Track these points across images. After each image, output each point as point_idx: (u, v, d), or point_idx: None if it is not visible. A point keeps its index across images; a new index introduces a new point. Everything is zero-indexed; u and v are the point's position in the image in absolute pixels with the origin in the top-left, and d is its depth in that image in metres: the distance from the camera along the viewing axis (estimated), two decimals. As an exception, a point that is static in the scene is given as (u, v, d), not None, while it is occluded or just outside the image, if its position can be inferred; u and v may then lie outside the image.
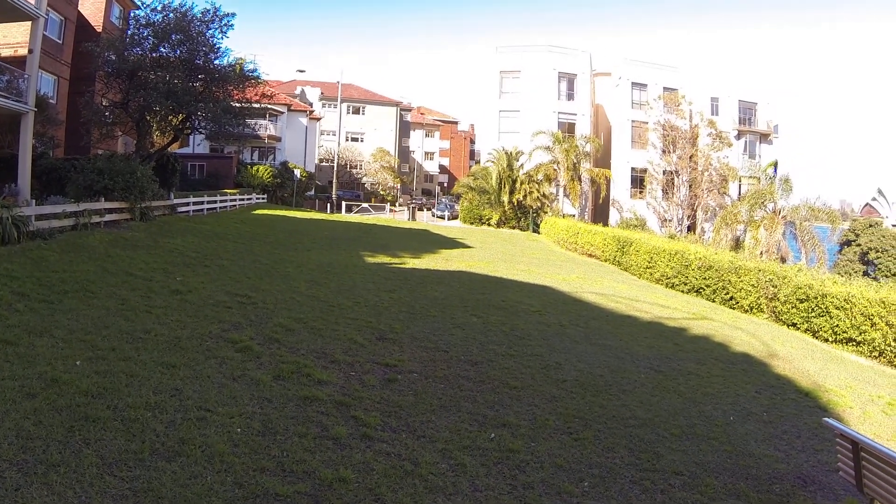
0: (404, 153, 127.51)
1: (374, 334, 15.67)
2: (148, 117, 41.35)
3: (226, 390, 10.34)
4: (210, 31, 41.11)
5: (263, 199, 66.71)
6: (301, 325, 15.52)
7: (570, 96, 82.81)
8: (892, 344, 20.95)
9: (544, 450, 10.03)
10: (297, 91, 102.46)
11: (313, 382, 11.40)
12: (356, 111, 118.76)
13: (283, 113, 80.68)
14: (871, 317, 21.77)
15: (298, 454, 8.50)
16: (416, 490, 8.07)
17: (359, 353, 13.83)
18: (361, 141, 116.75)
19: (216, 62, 42.25)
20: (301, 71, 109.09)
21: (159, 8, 40.43)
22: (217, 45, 41.69)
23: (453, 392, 12.09)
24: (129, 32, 42.29)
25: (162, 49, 40.30)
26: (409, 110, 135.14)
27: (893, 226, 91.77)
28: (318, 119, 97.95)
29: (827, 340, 23.58)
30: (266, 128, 78.17)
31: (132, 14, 46.07)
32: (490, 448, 9.78)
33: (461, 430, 10.31)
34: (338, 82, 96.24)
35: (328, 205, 79.72)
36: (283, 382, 11.16)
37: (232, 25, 41.80)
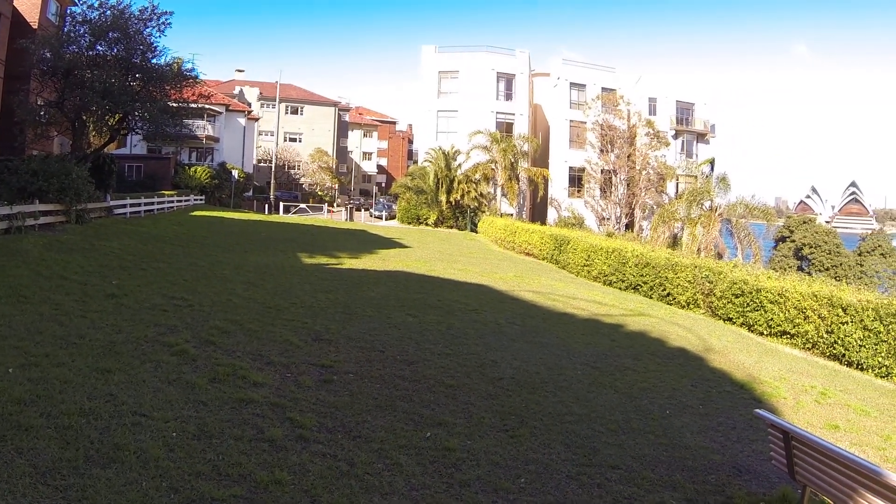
0: (342, 153, 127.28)
1: (310, 335, 15.44)
2: (84, 117, 40.61)
3: (161, 394, 10.06)
4: (148, 30, 40.52)
5: (201, 200, 66.08)
6: (237, 328, 15.25)
7: (509, 96, 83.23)
8: (825, 336, 21.36)
9: (480, 447, 9.94)
10: (236, 91, 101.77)
11: (249, 385, 11.17)
12: (294, 111, 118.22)
13: (221, 113, 79.89)
14: (804, 310, 22.18)
15: (234, 457, 8.29)
16: (352, 490, 7.93)
17: (295, 354, 13.62)
18: (299, 141, 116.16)
19: (154, 61, 41.64)
20: (240, 70, 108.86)
21: (96, 5, 39.53)
22: (155, 44, 41.14)
23: (389, 392, 11.95)
24: (66, 29, 41.37)
25: (99, 47, 39.58)
26: (348, 110, 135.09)
27: (827, 222, 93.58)
28: (257, 119, 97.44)
29: (762, 334, 23.97)
30: (204, 128, 77.23)
31: (69, 11, 44.95)
32: (426, 447, 9.65)
33: (397, 429, 10.17)
34: (276, 82, 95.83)
35: (266, 206, 79.45)
36: (218, 385, 10.91)
37: (170, 24, 41.24)
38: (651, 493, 9.20)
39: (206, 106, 62.52)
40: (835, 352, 21.04)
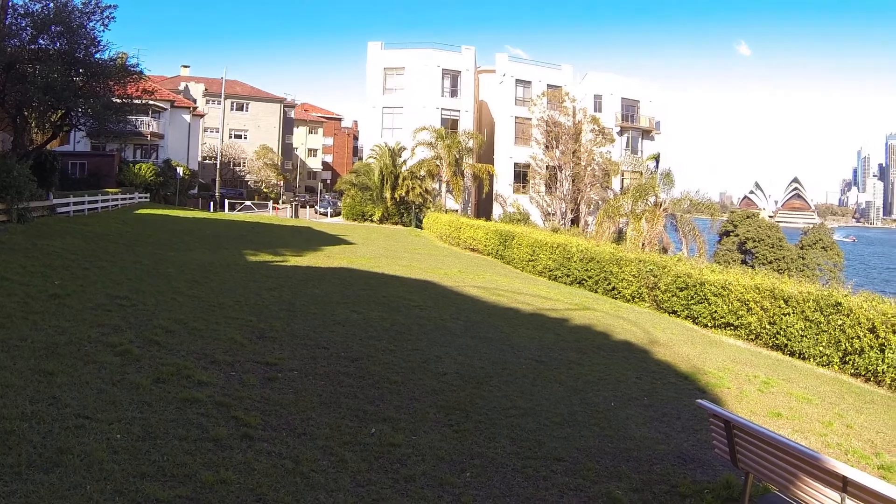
0: (287, 150, 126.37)
1: (254, 333, 15.24)
2: (25, 113, 39.73)
3: (105, 396, 9.84)
4: (91, 24, 39.69)
5: (146, 198, 65.18)
6: (181, 327, 14.99)
7: (454, 93, 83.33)
8: (768, 327, 21.78)
9: (425, 443, 9.90)
10: (181, 87, 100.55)
11: (193, 384, 10.98)
12: (240, 108, 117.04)
13: (166, 109, 78.72)
14: (747, 302, 22.54)
15: (179, 457, 8.13)
16: (298, 488, 7.83)
17: (239, 352, 13.44)
18: (245, 138, 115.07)
19: (97, 56, 40.85)
20: (186, 66, 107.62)
21: (39, -3, 38.96)
22: (98, 38, 40.35)
23: (333, 389, 11.84)
24: (7, 22, 40.49)
25: (41, 41, 38.73)
26: (293, 107, 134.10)
27: (770, 217, 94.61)
28: (202, 115, 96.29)
29: (706, 326, 24.30)
30: (149, 125, 75.89)
31: (10, 3, 44.02)
32: (371, 443, 9.57)
33: (342, 426, 10.09)
34: (222, 78, 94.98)
35: (211, 203, 78.62)
36: (162, 385, 10.69)
37: (114, 17, 40.41)
38: (597, 484, 9.25)
39: (151, 102, 61.99)
40: (777, 342, 21.45)
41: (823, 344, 19.84)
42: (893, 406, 16.11)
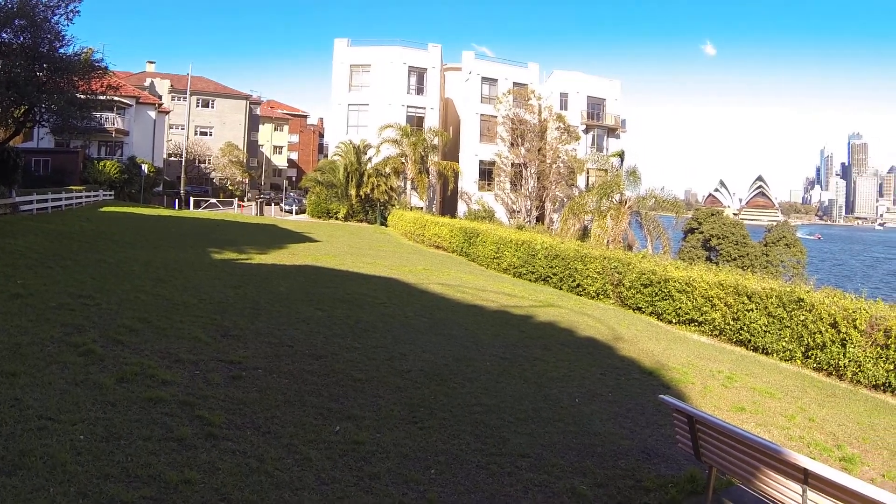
0: (253, 147, 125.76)
1: (218, 331, 15.11)
2: (-13, 109, 39.48)
3: (68, 397, 9.70)
4: (55, 18, 39.31)
5: (111, 195, 64.36)
6: (145, 325, 14.82)
7: (420, 90, 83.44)
8: (731, 322, 21.99)
9: (390, 440, 9.88)
10: (147, 83, 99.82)
11: (157, 383, 10.86)
12: (206, 104, 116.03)
13: (131, 106, 77.86)
14: (711, 298, 22.73)
15: (143, 458, 8.04)
16: (262, 487, 7.79)
17: (203, 351, 13.32)
18: (210, 135, 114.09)
19: (62, 51, 40.43)
20: (151, 62, 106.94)
21: (2, -10, 38.46)
22: (63, 33, 39.97)
23: (298, 387, 11.78)
24: (-31, 16, 40.13)
25: (4, 35, 38.23)
26: (259, 104, 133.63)
27: (735, 214, 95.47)
28: (168, 112, 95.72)
29: (671, 322, 24.50)
30: (113, 121, 75.04)
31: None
32: (335, 441, 9.54)
33: (306, 424, 10.05)
34: (188, 74, 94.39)
35: (176, 201, 78.12)
36: (126, 385, 10.57)
37: (79, 12, 39.99)
38: (561, 479, 9.30)
39: (116, 98, 61.38)
40: (741, 338, 21.65)
41: (786, 339, 20.08)
42: (855, 399, 16.33)
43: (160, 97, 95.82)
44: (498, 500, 8.54)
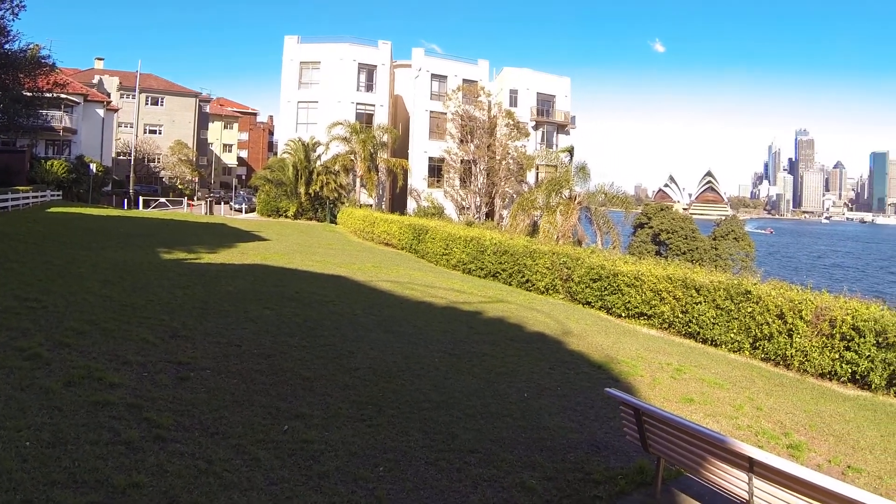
0: (203, 145, 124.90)
1: (167, 332, 14.92)
2: (-71, 107, 38.79)
3: (13, 402, 9.50)
4: (0, 13, 38.83)
5: (58, 195, 63.26)
6: (93, 328, 14.58)
7: (370, 87, 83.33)
8: (680, 315, 22.26)
9: (338, 438, 9.83)
10: (95, 80, 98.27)
11: (105, 386, 10.68)
12: (155, 102, 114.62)
13: (79, 103, 76.48)
14: (660, 292, 22.96)
15: (90, 462, 7.91)
16: (211, 488, 7.71)
17: (151, 352, 13.14)
18: (160, 133, 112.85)
19: (7, 47, 39.90)
20: (100, 59, 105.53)
21: (-57, -15, 37.74)
22: (8, 28, 39.43)
23: (246, 386, 11.69)
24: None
25: (-55, 31, 37.79)
26: (209, 101, 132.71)
27: (684, 209, 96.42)
28: (116, 110, 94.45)
29: (620, 316, 24.68)
30: (61, 119, 73.75)
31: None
32: (284, 440, 9.50)
33: (255, 424, 9.97)
34: (137, 72, 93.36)
35: (125, 200, 77.03)
36: (73, 389, 10.38)
37: (24, 6, 39.51)
38: (511, 474, 9.32)
39: (63, 96, 60.57)
40: (690, 330, 21.94)
41: (734, 331, 20.43)
42: (802, 388, 16.65)
43: (109, 95, 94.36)
44: (447, 495, 8.52)
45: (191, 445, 8.91)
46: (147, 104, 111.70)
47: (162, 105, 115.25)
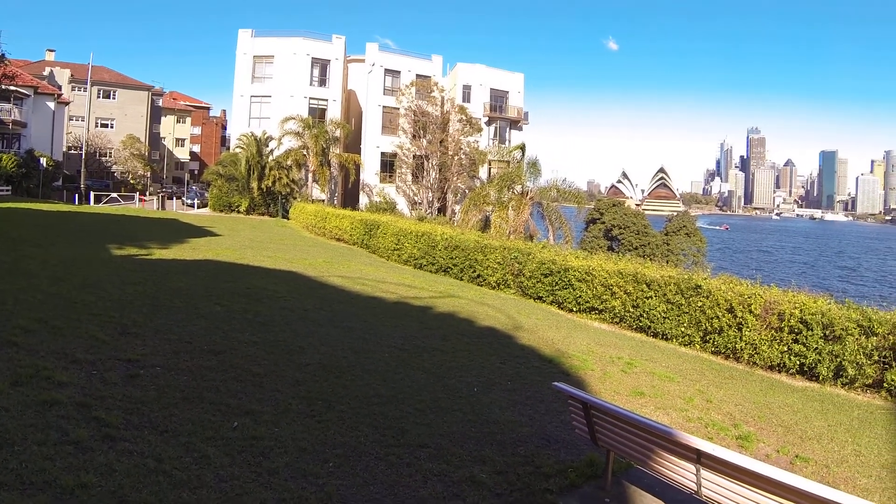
0: (155, 140, 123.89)
1: (117, 329, 14.67)
2: None
3: (-41, 404, 9.44)
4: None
5: (7, 191, 62.68)
6: (41, 326, 14.29)
7: (323, 82, 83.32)
8: (631, 310, 22.44)
9: (288, 434, 9.76)
10: (46, 72, 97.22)
11: (53, 385, 10.45)
12: (107, 95, 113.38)
13: (28, 96, 75.36)
14: (611, 287, 23.15)
15: (38, 463, 7.71)
16: (161, 487, 7.55)
17: (101, 350, 12.89)
18: (112, 127, 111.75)
19: (-47, 38, 39.40)
20: (51, 50, 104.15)
21: None
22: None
23: (196, 383, 11.53)
24: None
25: None
26: (161, 95, 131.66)
27: (637, 205, 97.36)
28: (68, 103, 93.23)
29: (572, 311, 24.83)
30: (10, 112, 72.70)
31: None
32: (234, 437, 9.37)
33: (204, 421, 9.84)
34: (88, 64, 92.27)
35: (77, 195, 75.82)
36: (21, 388, 10.13)
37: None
38: (461, 468, 9.29)
39: (12, 88, 59.82)
40: (641, 324, 22.12)
41: (685, 325, 20.69)
42: (751, 380, 16.97)
43: (60, 87, 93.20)
44: (397, 490, 8.49)
45: (140, 444, 8.75)
46: (99, 97, 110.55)
47: (114, 98, 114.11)
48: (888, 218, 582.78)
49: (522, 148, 72.73)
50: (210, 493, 7.66)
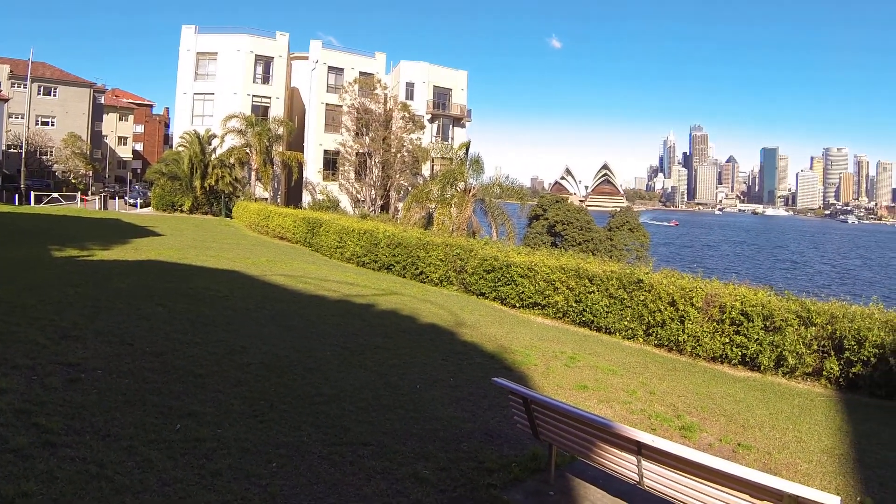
0: (97, 138, 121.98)
1: (57, 333, 14.41)
2: None
3: None
4: None
5: (-56, 192, 61.70)
6: (-21, 332, 14.28)
7: (267, 79, 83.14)
8: (574, 305, 22.65)
9: (231, 435, 9.67)
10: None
11: None
12: (48, 92, 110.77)
13: (-35, 92, 74.51)
14: (554, 282, 23.34)
15: None
16: (103, 493, 7.42)
17: (41, 354, 12.65)
18: (52, 125, 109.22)
19: None
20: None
21: None
22: None
23: (138, 386, 11.37)
24: None
25: None
26: (103, 92, 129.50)
27: (581, 201, 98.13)
28: (7, 100, 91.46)
29: (514, 306, 24.95)
30: (-53, 110, 71.81)
31: None
32: (176, 440, 9.25)
33: (147, 424, 9.69)
34: (28, 60, 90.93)
35: (16, 196, 74.64)
36: None
37: None
38: (404, 465, 9.30)
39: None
40: (584, 319, 22.32)
41: (628, 318, 20.95)
42: (694, 371, 17.31)
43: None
44: (340, 489, 8.46)
45: (82, 450, 8.61)
46: (39, 94, 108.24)
47: (55, 95, 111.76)
48: (827, 212, 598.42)
49: (466, 146, 72.90)
50: (153, 498, 7.57)
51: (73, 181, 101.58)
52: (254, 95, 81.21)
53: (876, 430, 13.52)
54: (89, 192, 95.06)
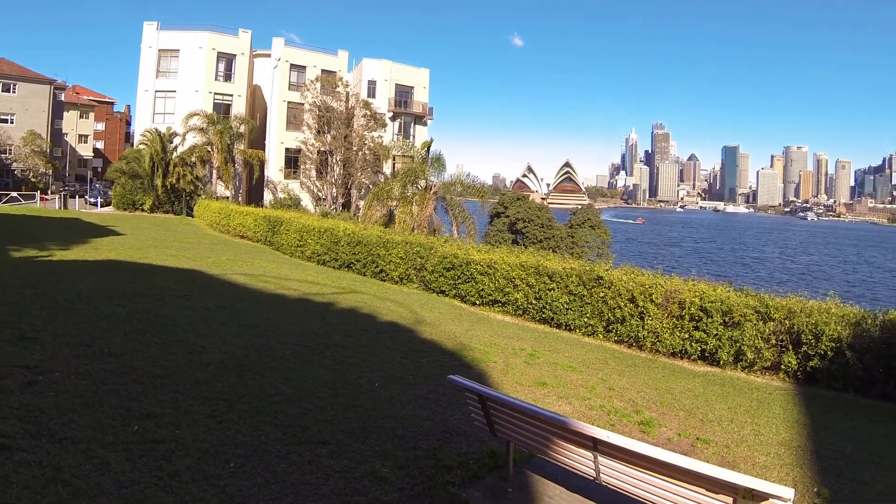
0: (57, 136, 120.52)
1: (14, 334, 14.21)
2: None
3: None
4: None
5: None
6: (-68, 335, 14.08)
7: (229, 77, 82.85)
8: (534, 302, 22.77)
9: (189, 436, 9.57)
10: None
11: None
12: (6, 89, 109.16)
13: (-78, 88, 73.56)
14: (513, 279, 23.45)
15: None
16: (60, 497, 7.30)
17: (-3, 357, 12.72)
18: (11, 122, 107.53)
19: None
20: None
21: None
22: None
23: (96, 388, 11.21)
24: None
25: None
26: (64, 89, 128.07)
27: (543, 199, 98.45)
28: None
29: (474, 304, 25.07)
30: None
31: None
32: (134, 441, 9.14)
33: (104, 426, 9.58)
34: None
35: (-26, 195, 74.24)
36: None
37: None
38: (362, 464, 9.26)
39: None
40: (544, 316, 22.45)
41: (588, 315, 21.10)
42: (654, 367, 17.46)
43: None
44: (299, 489, 8.42)
45: (38, 453, 8.48)
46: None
47: (14, 92, 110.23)
48: (787, 210, 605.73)
49: (428, 146, 72.96)
50: (110, 500, 7.48)
51: (33, 180, 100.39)
52: (216, 93, 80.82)
53: (833, 421, 13.72)
54: (49, 191, 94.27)
